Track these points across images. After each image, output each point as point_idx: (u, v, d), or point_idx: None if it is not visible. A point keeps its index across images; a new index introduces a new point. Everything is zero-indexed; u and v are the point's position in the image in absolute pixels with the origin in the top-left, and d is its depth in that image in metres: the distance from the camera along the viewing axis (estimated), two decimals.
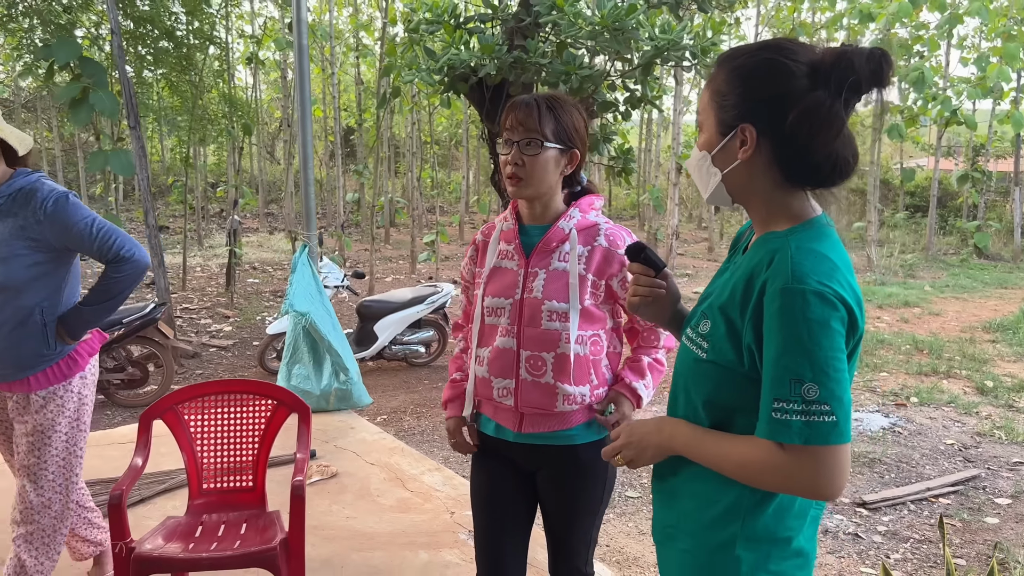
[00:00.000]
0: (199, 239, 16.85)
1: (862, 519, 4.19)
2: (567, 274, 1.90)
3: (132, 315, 6.23)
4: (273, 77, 21.36)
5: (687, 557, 1.36)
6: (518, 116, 1.89)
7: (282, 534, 2.45)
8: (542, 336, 1.89)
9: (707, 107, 1.32)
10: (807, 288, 1.16)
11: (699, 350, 1.33)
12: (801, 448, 1.16)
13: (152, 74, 9.94)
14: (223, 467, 2.77)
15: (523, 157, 1.87)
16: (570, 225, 1.93)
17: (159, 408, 2.69)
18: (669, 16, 5.12)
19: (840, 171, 1.25)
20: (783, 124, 1.22)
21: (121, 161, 7.02)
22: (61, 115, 18.96)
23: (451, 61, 4.83)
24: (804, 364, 1.15)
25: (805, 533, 1.33)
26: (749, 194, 1.32)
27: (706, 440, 1.30)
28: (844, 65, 1.20)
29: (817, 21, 15.30)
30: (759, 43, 1.29)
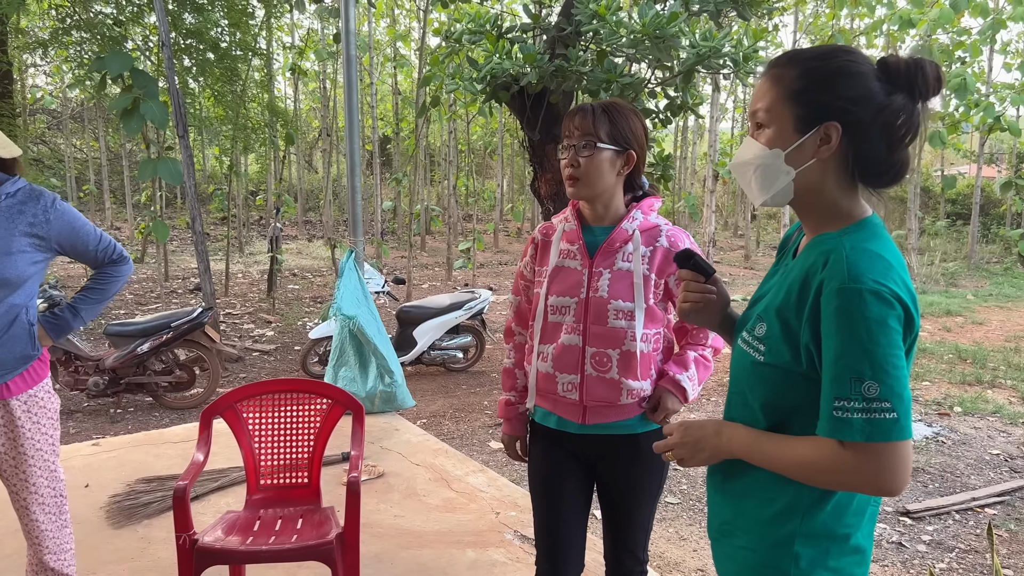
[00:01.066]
0: (240, 246, 17.15)
1: (906, 528, 4.16)
2: (631, 274, 1.97)
3: (180, 319, 6.39)
4: (312, 87, 21.68)
5: (746, 554, 1.38)
6: (575, 121, 1.97)
7: (337, 529, 2.51)
8: (608, 334, 1.96)
9: (779, 104, 1.31)
10: (864, 287, 1.18)
11: (756, 353, 1.35)
12: (863, 445, 1.18)
13: (198, 85, 10.17)
14: (280, 464, 2.84)
15: (579, 159, 1.95)
16: (633, 226, 1.99)
17: (219, 406, 2.77)
18: (708, 24, 5.15)
19: (904, 172, 1.31)
20: (868, 125, 1.26)
21: (170, 169, 7.21)
22: (107, 125, 19.46)
23: (493, 70, 4.91)
24: (864, 362, 1.17)
25: (863, 530, 1.34)
26: (813, 194, 1.33)
27: (765, 443, 1.32)
28: (918, 72, 1.24)
29: (856, 28, 15.16)
30: (825, 46, 1.32)
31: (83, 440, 5.20)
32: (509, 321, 2.27)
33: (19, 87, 14.81)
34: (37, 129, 19.86)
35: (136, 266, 14.76)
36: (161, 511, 3.61)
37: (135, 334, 6.34)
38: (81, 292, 2.51)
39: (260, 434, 2.84)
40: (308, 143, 26.39)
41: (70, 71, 14.75)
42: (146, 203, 18.77)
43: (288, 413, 2.85)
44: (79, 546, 3.24)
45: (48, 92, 20.84)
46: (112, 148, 21.45)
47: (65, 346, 6.23)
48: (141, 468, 4.20)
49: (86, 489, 3.91)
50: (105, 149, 20.65)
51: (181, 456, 4.37)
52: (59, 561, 2.43)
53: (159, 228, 8.46)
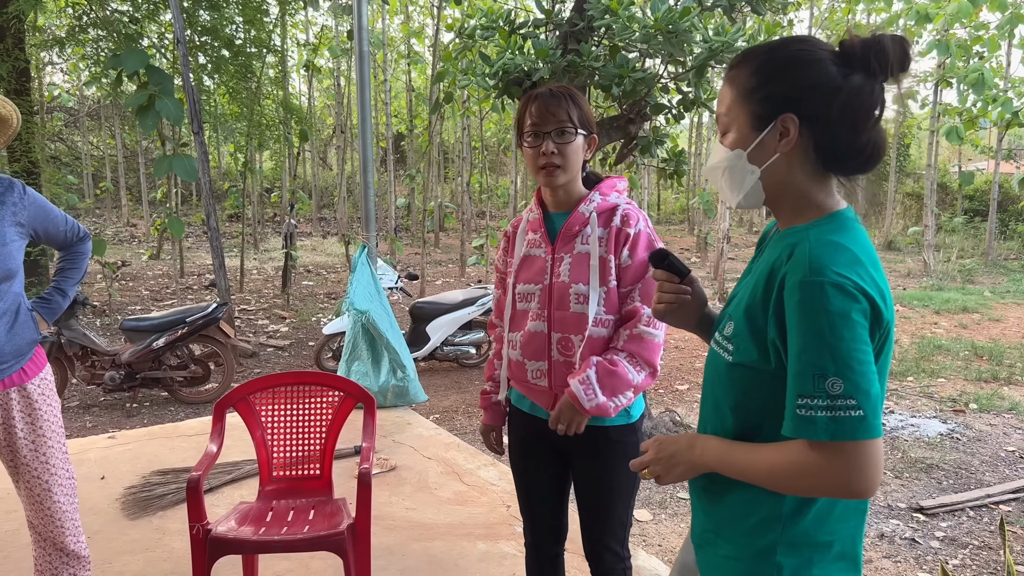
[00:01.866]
0: (255, 243, 17.24)
1: (919, 524, 4.14)
2: (591, 257, 1.96)
3: (195, 314, 6.44)
4: (326, 84, 21.76)
5: (729, 563, 1.34)
6: (547, 107, 1.95)
7: (349, 520, 2.53)
8: (571, 319, 1.96)
9: (735, 105, 1.30)
10: (825, 280, 1.13)
11: (726, 353, 1.32)
12: (829, 445, 1.13)
13: (212, 82, 10.23)
14: (292, 456, 2.87)
15: (562, 146, 1.95)
16: (590, 208, 1.99)
17: (233, 398, 2.79)
18: (721, 19, 5.13)
19: (876, 156, 1.25)
20: (826, 111, 1.21)
21: (185, 166, 7.27)
22: (124, 123, 19.60)
23: (506, 66, 4.91)
24: (826, 358, 1.12)
25: (850, 536, 1.29)
26: (783, 189, 1.30)
27: (736, 453, 1.28)
28: (877, 48, 1.20)
29: (872, 23, 15.05)
30: (775, 40, 1.30)
31: (99, 433, 5.26)
32: (492, 315, 2.29)
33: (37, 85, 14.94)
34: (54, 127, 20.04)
35: (152, 262, 14.93)
36: (175, 503, 3.65)
37: (151, 329, 6.40)
38: (60, 274, 2.60)
39: (273, 426, 2.86)
40: (323, 140, 26.49)
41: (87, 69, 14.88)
42: (162, 200, 18.90)
43: (300, 405, 2.88)
44: (96, 536, 3.29)
45: (65, 90, 21.03)
46: (128, 145, 21.61)
47: (82, 341, 6.30)
48: (156, 461, 4.24)
49: (102, 481, 3.96)
50: (121, 146, 20.81)
51: (195, 449, 4.41)
52: (78, 543, 2.48)
53: (174, 224, 8.53)
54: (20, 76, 9.36)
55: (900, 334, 8.97)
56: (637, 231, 1.96)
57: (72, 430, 5.81)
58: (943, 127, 13.62)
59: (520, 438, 2.19)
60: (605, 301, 1.95)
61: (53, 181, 11.15)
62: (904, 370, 7.28)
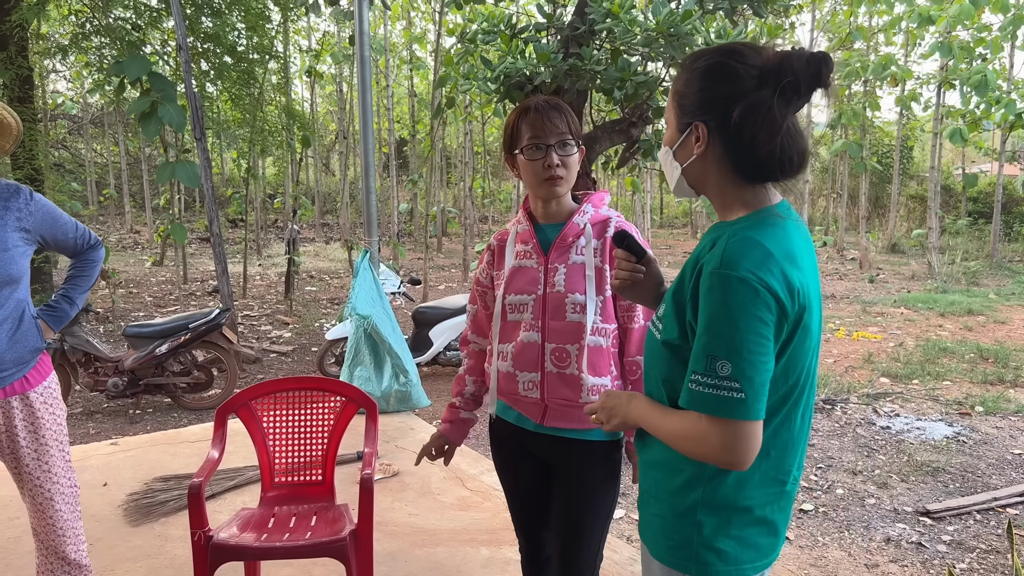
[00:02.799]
0: (258, 249, 17.26)
1: (926, 528, 4.12)
2: (588, 267, 1.97)
3: (198, 320, 6.44)
4: (329, 91, 21.80)
5: (658, 520, 1.46)
6: (548, 118, 1.96)
7: (351, 526, 2.51)
8: (567, 328, 1.95)
9: (670, 107, 1.43)
10: (732, 274, 1.24)
11: (656, 331, 1.45)
12: (711, 419, 1.27)
13: (215, 88, 10.25)
14: (294, 461, 2.86)
15: (561, 158, 1.97)
16: (585, 220, 2.01)
17: (234, 403, 2.79)
18: (724, 21, 5.12)
19: (785, 168, 1.33)
20: (730, 120, 1.31)
21: (188, 172, 7.27)
22: (127, 130, 19.66)
23: (507, 70, 4.91)
24: (720, 343, 1.25)
25: (770, 504, 1.41)
26: (706, 186, 1.42)
27: (654, 413, 1.42)
28: (784, 68, 1.28)
29: (874, 25, 15.04)
30: (718, 47, 1.38)
31: (102, 440, 5.25)
32: (465, 331, 2.26)
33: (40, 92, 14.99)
34: (58, 134, 20.11)
35: (155, 269, 14.95)
36: (178, 509, 3.64)
37: (154, 335, 6.39)
38: (69, 281, 2.57)
39: (275, 432, 2.86)
40: (325, 146, 26.53)
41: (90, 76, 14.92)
42: (165, 206, 18.95)
43: (302, 411, 2.87)
44: (98, 543, 3.28)
45: (69, 97, 21.10)
46: (132, 152, 21.67)
47: (85, 347, 6.29)
48: (158, 467, 4.23)
49: (104, 488, 3.95)
50: (125, 153, 20.88)
51: (198, 455, 4.40)
52: (79, 552, 2.46)
53: (177, 230, 8.53)
54: (23, 84, 9.38)
55: (905, 337, 8.94)
56: None
57: (75, 436, 5.80)
58: (946, 129, 13.60)
59: (506, 449, 2.17)
60: (602, 310, 1.96)
61: (57, 188, 11.18)
62: (909, 373, 7.25)
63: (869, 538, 4.02)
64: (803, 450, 1.46)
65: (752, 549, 1.40)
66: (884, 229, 19.87)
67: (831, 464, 5.06)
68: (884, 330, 9.40)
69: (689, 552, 1.40)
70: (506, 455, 2.17)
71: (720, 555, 1.38)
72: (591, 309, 1.94)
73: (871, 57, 14.01)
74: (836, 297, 12.19)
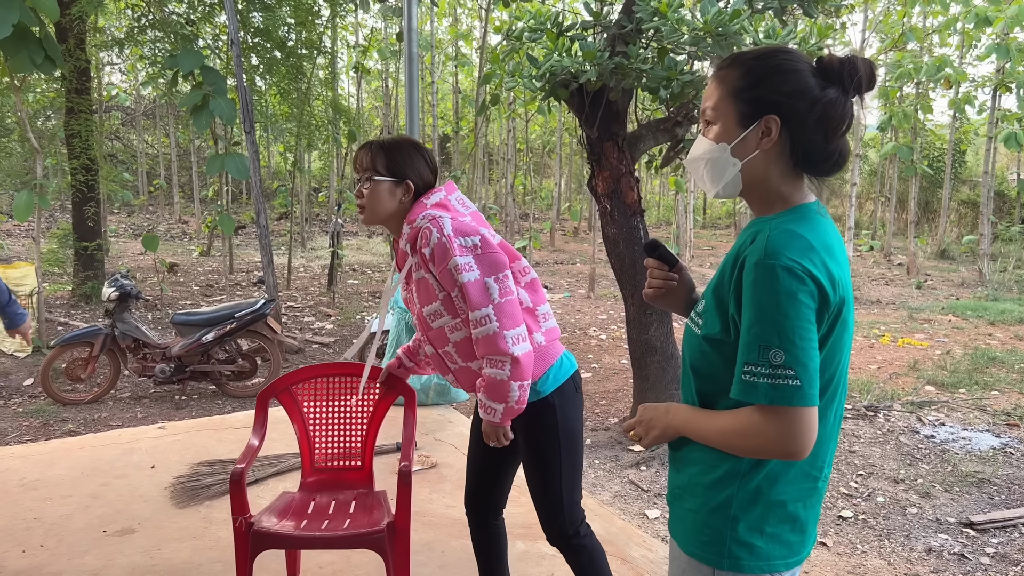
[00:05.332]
0: (302, 241, 17.51)
1: (969, 540, 4.04)
2: (424, 280, 2.17)
3: (243, 310, 6.57)
4: (375, 86, 22.01)
5: (691, 515, 1.48)
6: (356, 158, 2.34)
7: (388, 517, 2.55)
8: (437, 335, 2.22)
9: (723, 102, 1.42)
10: (777, 263, 1.27)
11: (696, 327, 1.47)
12: (768, 408, 1.28)
13: (264, 82, 10.43)
14: (334, 447, 2.90)
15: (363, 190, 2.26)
16: (405, 243, 2.22)
17: (275, 388, 2.83)
18: (773, 21, 5.06)
19: (842, 161, 1.41)
20: (804, 117, 1.36)
21: (237, 164, 7.42)
22: (178, 122, 20.07)
23: (553, 68, 4.92)
24: (772, 332, 1.27)
25: (802, 500, 1.43)
26: (758, 182, 1.43)
27: (698, 417, 1.44)
28: (851, 67, 1.35)
29: (929, 26, 14.71)
30: (763, 47, 1.45)
31: (149, 424, 5.40)
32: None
33: (96, 84, 15.38)
34: (112, 125, 20.61)
35: (202, 259, 15.25)
36: (222, 493, 3.73)
37: (200, 324, 6.54)
38: None
39: (315, 417, 2.90)
40: None
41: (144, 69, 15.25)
42: (213, 198, 19.30)
43: (342, 397, 2.92)
44: (146, 523, 3.38)
45: (123, 89, 21.61)
46: (181, 144, 22.12)
47: (134, 334, 6.47)
48: (204, 452, 4.34)
49: (152, 470, 4.06)
50: (175, 145, 21.32)
51: (241, 441, 4.50)
52: None
53: (225, 221, 8.71)
54: (81, 75, 9.65)
55: (952, 345, 8.75)
56: (432, 247, 2.11)
57: (123, 420, 5.97)
58: (1001, 133, 13.25)
59: (478, 418, 2.41)
60: (447, 311, 2.15)
61: (109, 178, 11.49)
62: (956, 382, 7.10)
63: (910, 547, 3.96)
64: (834, 448, 1.48)
65: (783, 546, 1.42)
66: (933, 234, 19.44)
67: (872, 471, 4.99)
68: (931, 337, 9.21)
69: (721, 547, 1.42)
70: (474, 422, 2.46)
71: (751, 550, 1.40)
72: (440, 314, 2.17)
73: (924, 58, 13.70)
74: (882, 303, 11.97)
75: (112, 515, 3.43)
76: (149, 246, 9.33)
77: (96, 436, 4.77)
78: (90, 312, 9.73)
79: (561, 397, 2.23)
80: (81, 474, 3.91)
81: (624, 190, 5.16)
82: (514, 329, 2.07)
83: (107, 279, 7.18)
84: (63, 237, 11.02)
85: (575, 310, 11.26)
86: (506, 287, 2.09)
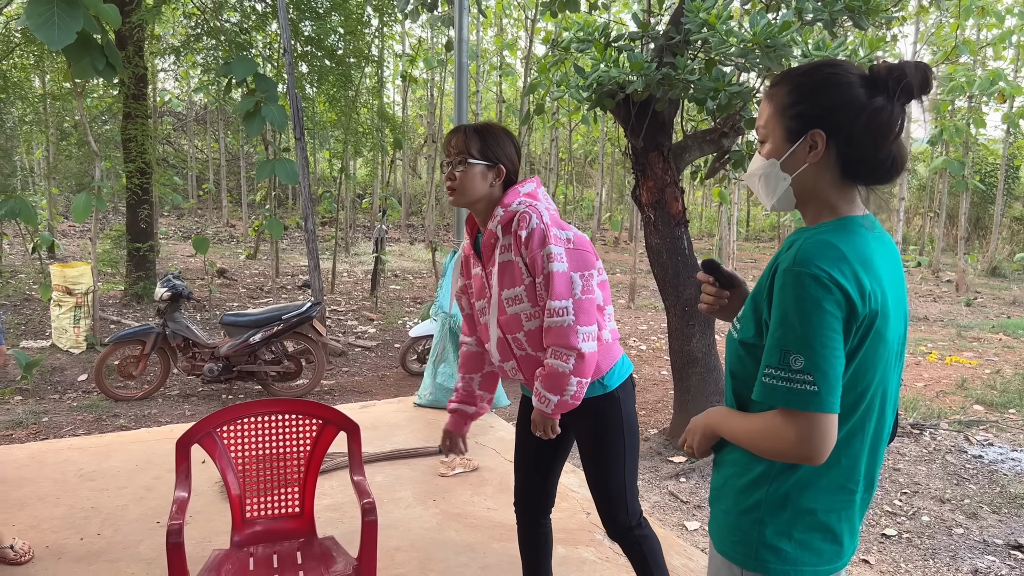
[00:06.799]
0: (346, 246, 17.75)
1: (1017, 563, 3.96)
2: (510, 263, 2.21)
3: (291, 312, 6.71)
4: (419, 95, 22.26)
5: (722, 516, 1.52)
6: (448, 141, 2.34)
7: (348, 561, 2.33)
8: (511, 320, 2.25)
9: (772, 120, 1.46)
10: (805, 271, 1.30)
11: (735, 331, 1.51)
12: (786, 412, 1.31)
13: (313, 90, 10.63)
14: (269, 495, 2.61)
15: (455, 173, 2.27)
16: (496, 223, 2.24)
17: (195, 433, 2.53)
18: (823, 33, 5.04)
19: (895, 169, 1.41)
20: (850, 127, 1.38)
21: (287, 170, 7.57)
22: (227, 128, 20.53)
23: (600, 78, 4.96)
24: (793, 337, 1.30)
25: (836, 511, 1.43)
26: (810, 195, 1.46)
27: (732, 418, 1.48)
28: (899, 74, 1.35)
29: (982, 38, 14.44)
30: (812, 62, 1.45)
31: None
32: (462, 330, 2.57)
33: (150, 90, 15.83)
34: (164, 130, 21.14)
35: (248, 262, 15.55)
36: None
37: (248, 325, 6.69)
38: None
39: (243, 462, 2.60)
40: (413, 149, 27.07)
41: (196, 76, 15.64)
42: (261, 202, 19.65)
43: (275, 437, 2.66)
44: (197, 516, 3.48)
45: (175, 96, 22.17)
46: (230, 149, 22.59)
47: (184, 333, 6.64)
48: None
49: (203, 464, 4.17)
50: (224, 150, 21.78)
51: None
52: None
53: (273, 225, 8.88)
54: (139, 81, 9.95)
55: (1003, 364, 8.56)
56: (530, 231, 2.16)
57: (172, 417, 6.13)
58: None
59: (522, 418, 2.50)
60: (528, 297, 2.19)
61: (161, 182, 11.80)
62: (1006, 402, 6.95)
63: (955, 568, 3.90)
64: (878, 464, 1.49)
65: (812, 553, 1.43)
66: (984, 251, 18.99)
67: (917, 490, 4.91)
68: (980, 356, 9.01)
69: (749, 549, 1.45)
70: (523, 419, 2.50)
71: (779, 554, 1.42)
72: (520, 299, 2.20)
73: (978, 72, 13.45)
74: (929, 320, 11.74)
75: (165, 507, 3.54)
76: (199, 248, 9.56)
77: (149, 431, 4.91)
78: (141, 311, 9.99)
79: (624, 392, 2.33)
80: (136, 467, 4.03)
81: (668, 200, 5.17)
82: (587, 327, 2.15)
83: (159, 280, 7.38)
84: (117, 238, 11.35)
85: (615, 319, 11.25)
86: (589, 286, 2.17)
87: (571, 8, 6.18)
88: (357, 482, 2.51)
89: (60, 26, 3.86)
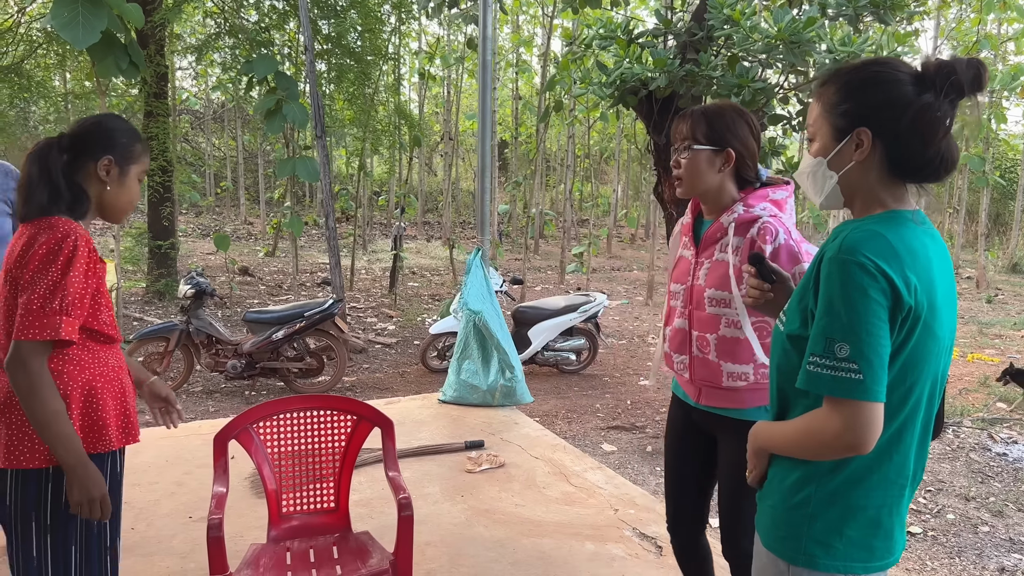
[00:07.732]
0: (364, 244, 17.82)
1: None
2: (726, 264, 2.07)
3: (313, 309, 6.76)
4: (435, 92, 22.30)
5: (770, 511, 1.52)
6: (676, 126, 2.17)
7: (384, 555, 2.32)
8: (707, 319, 2.11)
9: (820, 119, 1.48)
10: (851, 259, 1.30)
11: (781, 324, 1.52)
12: (831, 400, 1.32)
13: (332, 88, 10.68)
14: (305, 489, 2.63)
15: (679, 160, 2.14)
16: (730, 219, 2.09)
17: (233, 428, 2.53)
18: (846, 29, 5.01)
19: (945, 167, 1.40)
20: (896, 125, 1.37)
21: (307, 168, 7.62)
22: (245, 126, 20.63)
23: (623, 74, 4.96)
24: (838, 325, 1.30)
25: (887, 506, 1.43)
26: (857, 192, 1.46)
27: (772, 430, 1.51)
28: (947, 71, 1.34)
29: (1004, 33, 14.30)
30: (860, 61, 1.46)
31: (222, 417, 5.59)
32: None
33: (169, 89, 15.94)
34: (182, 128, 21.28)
35: (267, 259, 15.64)
36: None
37: (271, 322, 6.75)
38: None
39: (280, 457, 2.61)
40: (430, 147, 27.13)
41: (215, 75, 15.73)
42: (279, 200, 19.75)
43: (311, 433, 2.66)
44: (228, 511, 3.51)
45: (193, 94, 22.30)
46: (248, 147, 22.70)
47: (208, 330, 6.70)
48: None
49: (232, 460, 4.21)
50: (241, 148, 21.89)
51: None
52: None
53: (294, 223, 8.94)
54: (160, 80, 10.02)
55: None
56: (776, 246, 1.99)
57: (196, 413, 6.19)
58: None
59: (673, 421, 2.36)
60: (734, 303, 2.06)
61: (180, 179, 11.90)
62: None
63: (982, 566, 3.89)
64: (925, 458, 1.49)
65: (863, 550, 1.42)
66: (1005, 248, 18.83)
67: (942, 488, 4.89)
68: (1002, 353, 8.94)
69: (797, 543, 1.45)
70: (675, 424, 2.35)
71: (828, 550, 1.42)
72: (736, 306, 2.05)
73: (999, 67, 13.31)
74: None
75: (196, 502, 3.58)
76: (220, 245, 9.64)
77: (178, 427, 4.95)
78: (163, 308, 10.08)
79: None
80: (166, 462, 4.08)
81: None
82: None
83: (183, 277, 7.45)
84: (139, 236, 11.46)
85: (633, 317, 11.24)
86: None
87: (592, 5, 6.18)
88: (392, 478, 2.51)
89: (85, 25, 3.90)
